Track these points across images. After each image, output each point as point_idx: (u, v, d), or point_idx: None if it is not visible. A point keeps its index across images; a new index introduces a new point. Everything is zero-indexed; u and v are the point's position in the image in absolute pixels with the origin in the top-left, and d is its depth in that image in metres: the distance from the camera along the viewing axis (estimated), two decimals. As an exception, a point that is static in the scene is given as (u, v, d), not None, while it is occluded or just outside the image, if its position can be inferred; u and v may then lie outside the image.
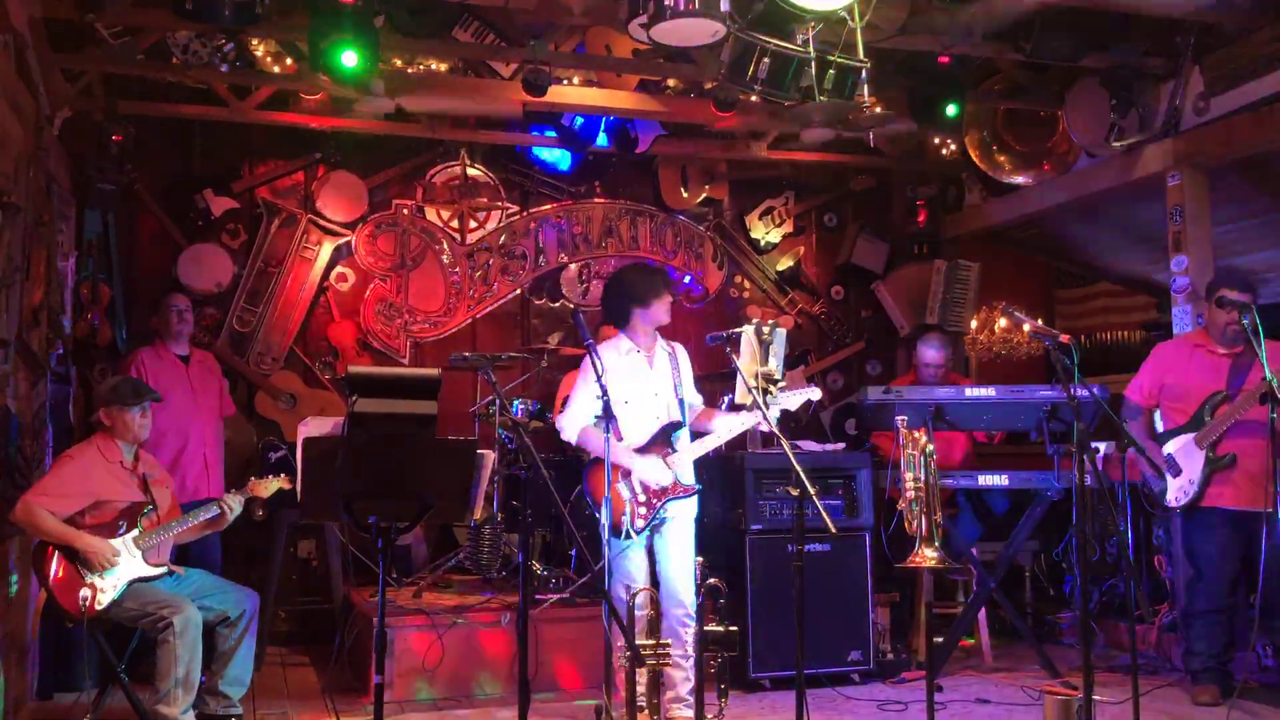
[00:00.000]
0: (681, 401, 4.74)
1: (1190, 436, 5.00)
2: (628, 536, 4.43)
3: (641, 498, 4.50)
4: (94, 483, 4.43)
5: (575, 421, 4.61)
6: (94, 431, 4.73)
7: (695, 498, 4.66)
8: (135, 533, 4.43)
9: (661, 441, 4.61)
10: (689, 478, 4.61)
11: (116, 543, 4.37)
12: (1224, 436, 4.90)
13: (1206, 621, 5.03)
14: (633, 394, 4.61)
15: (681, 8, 4.16)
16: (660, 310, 4.66)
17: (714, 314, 7.72)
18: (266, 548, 6.06)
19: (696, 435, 4.72)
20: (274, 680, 5.58)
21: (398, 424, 3.08)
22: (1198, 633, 5.07)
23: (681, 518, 4.63)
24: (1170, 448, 5.06)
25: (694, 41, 4.53)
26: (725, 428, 4.65)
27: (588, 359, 4.59)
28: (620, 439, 4.51)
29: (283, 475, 4.64)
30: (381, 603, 3.28)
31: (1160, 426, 5.22)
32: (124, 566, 4.37)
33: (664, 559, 4.60)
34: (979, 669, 5.79)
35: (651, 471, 4.52)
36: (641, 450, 4.57)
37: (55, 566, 4.26)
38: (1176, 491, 5.03)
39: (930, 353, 6.37)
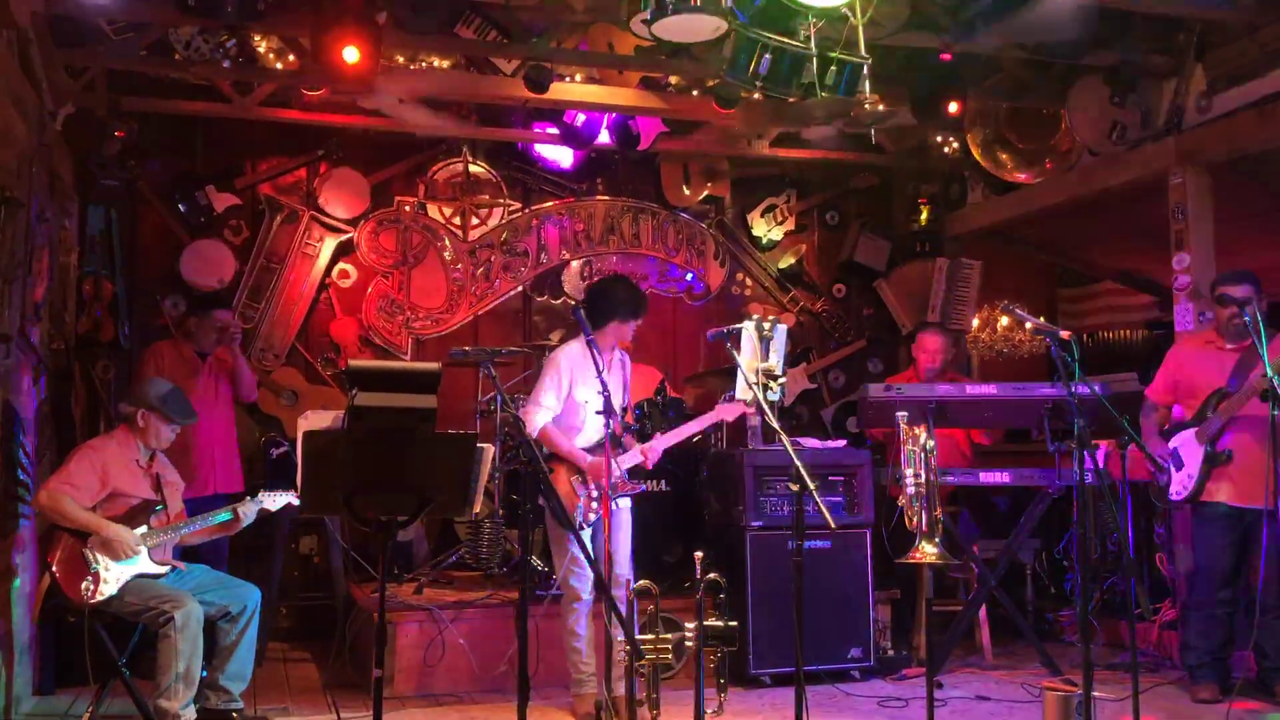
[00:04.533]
0: (627, 405, 4.98)
1: (1192, 431, 5.03)
2: (580, 529, 4.65)
3: (594, 493, 4.70)
4: (111, 475, 4.46)
5: (541, 416, 4.77)
6: (114, 423, 4.74)
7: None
8: (144, 529, 4.44)
9: (611, 442, 4.71)
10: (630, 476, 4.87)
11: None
12: (1224, 432, 4.91)
13: (1203, 615, 5.05)
14: (592, 395, 4.73)
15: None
16: (629, 331, 4.92)
17: (716, 311, 7.72)
18: (268, 543, 6.06)
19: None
20: (275, 676, 5.59)
21: (398, 418, 3.08)
22: (1195, 628, 5.09)
23: (623, 508, 4.88)
24: (1174, 442, 5.09)
25: (696, 37, 4.52)
26: (681, 431, 4.95)
27: (555, 357, 4.85)
28: (575, 431, 4.83)
29: (292, 491, 4.65)
30: (382, 597, 3.28)
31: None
32: (130, 560, 4.38)
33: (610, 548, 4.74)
34: (980, 666, 5.79)
35: (600, 472, 4.69)
36: (592, 450, 4.76)
37: (62, 553, 4.27)
38: (1177, 485, 5.06)
39: (930, 340, 6.36)
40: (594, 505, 4.70)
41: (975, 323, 7.87)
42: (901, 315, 7.90)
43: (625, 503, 4.90)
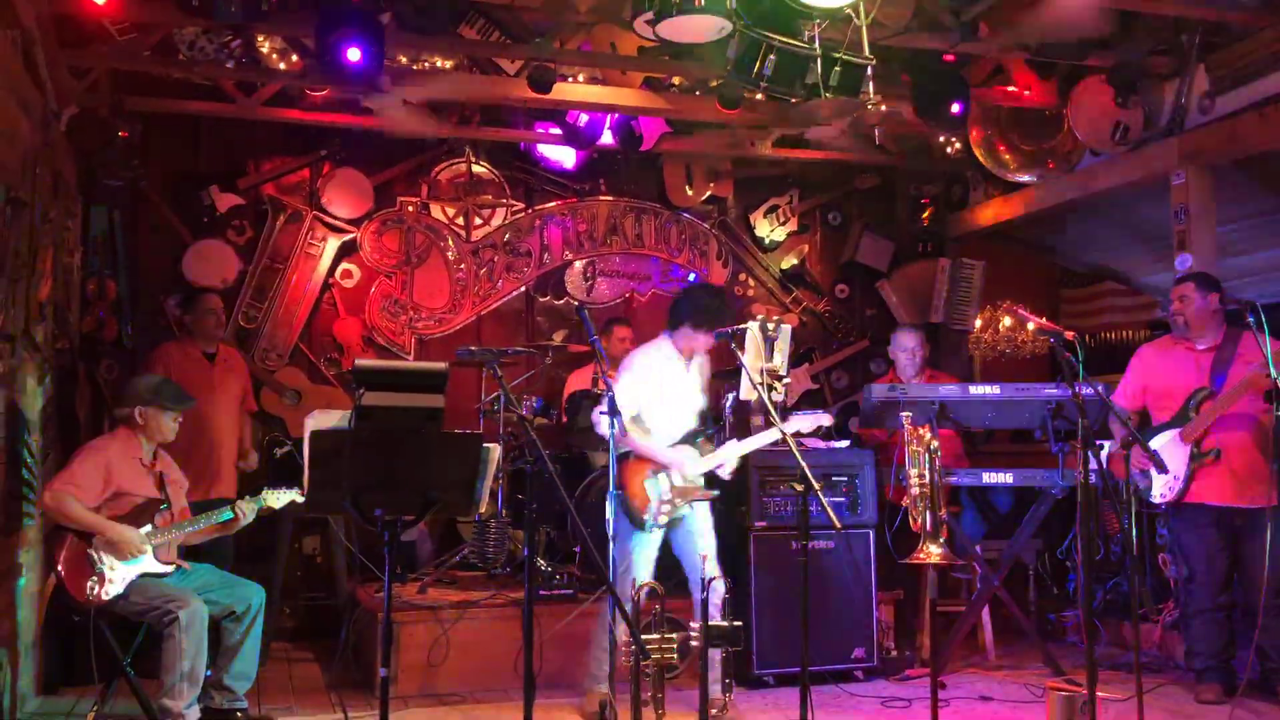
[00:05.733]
0: (704, 409, 4.93)
1: (1175, 432, 5.03)
2: (649, 530, 4.60)
3: (667, 496, 4.64)
4: (115, 475, 4.46)
5: (619, 416, 4.65)
6: (116, 424, 4.74)
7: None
8: (148, 529, 4.44)
9: (686, 444, 4.74)
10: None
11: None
12: (1209, 432, 4.92)
13: (1204, 620, 5.05)
14: (669, 396, 4.76)
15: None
16: (701, 342, 4.77)
17: (719, 312, 7.71)
18: (271, 543, 6.06)
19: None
20: (279, 675, 5.59)
21: (405, 417, 3.09)
22: (1197, 632, 5.09)
23: (700, 511, 4.83)
24: (1156, 444, 5.07)
25: (700, 38, 4.53)
26: (756, 440, 4.81)
27: (633, 356, 4.79)
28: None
29: (296, 489, 4.66)
30: (388, 596, 3.29)
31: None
32: (135, 560, 4.38)
33: (693, 546, 4.72)
34: (982, 666, 5.80)
35: (688, 467, 4.68)
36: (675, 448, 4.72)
37: (68, 553, 4.27)
38: (1162, 488, 5.05)
39: (905, 338, 6.43)
40: (664, 508, 4.63)
41: (978, 323, 7.88)
42: (904, 315, 7.90)
43: (704, 506, 4.85)
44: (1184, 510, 5.05)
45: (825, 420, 4.83)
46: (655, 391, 4.74)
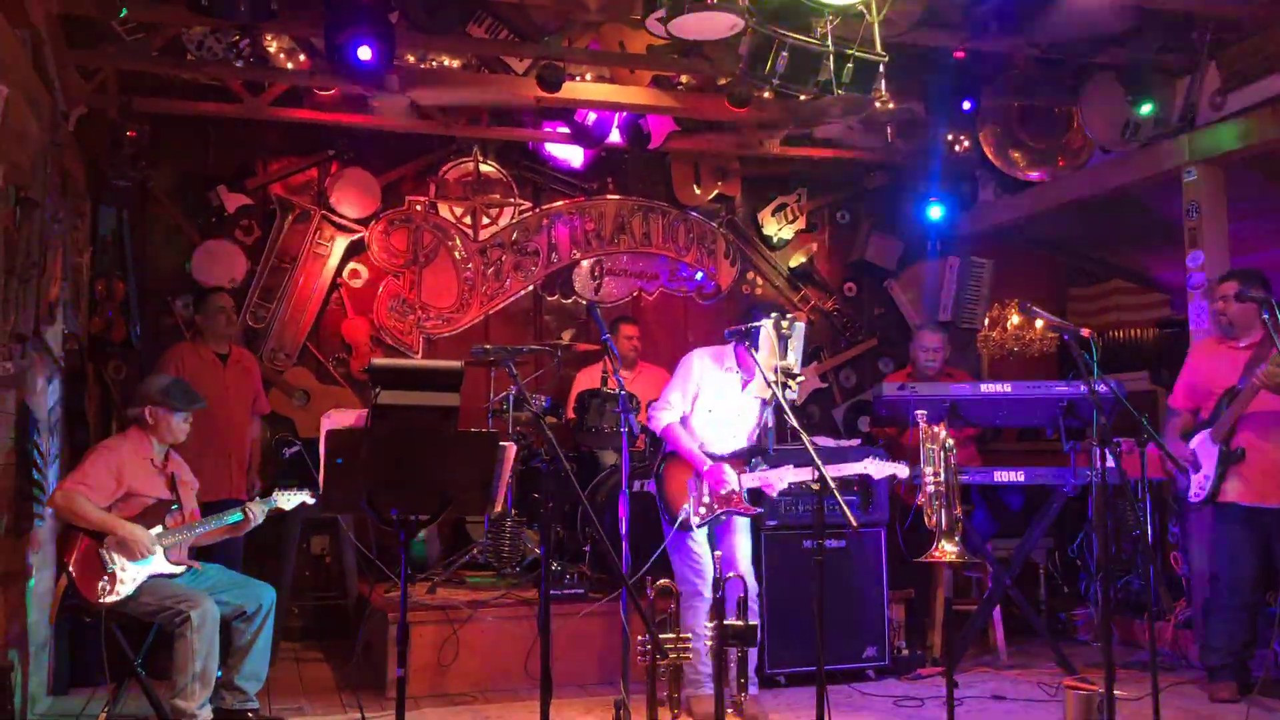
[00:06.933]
0: (763, 429, 4.84)
1: (1207, 432, 5.02)
2: (684, 528, 4.58)
3: (705, 499, 4.60)
4: (126, 475, 4.45)
5: (667, 414, 4.71)
6: (126, 425, 4.73)
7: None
8: (159, 529, 4.43)
9: (741, 459, 4.70)
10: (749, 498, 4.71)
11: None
12: (1235, 430, 4.90)
13: (1225, 618, 5.03)
14: (718, 407, 4.72)
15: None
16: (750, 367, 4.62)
17: (727, 310, 7.71)
18: (280, 543, 6.05)
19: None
20: (289, 675, 5.59)
21: (421, 416, 3.08)
22: (1216, 629, 5.07)
23: (742, 521, 4.79)
24: (1193, 444, 5.06)
25: (712, 35, 4.52)
26: (834, 469, 4.64)
27: (689, 358, 4.75)
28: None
29: (306, 490, 4.65)
30: (404, 596, 3.29)
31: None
32: (146, 560, 4.37)
33: (726, 547, 4.70)
34: (994, 665, 5.78)
35: (717, 479, 4.60)
36: (719, 459, 4.66)
37: (79, 554, 4.26)
38: (1195, 487, 5.04)
39: (930, 338, 6.39)
40: (700, 510, 4.59)
41: (986, 321, 7.86)
42: (912, 314, 7.89)
43: (745, 521, 4.80)
44: (1216, 509, 5.04)
45: (902, 472, 4.67)
46: (705, 399, 4.68)
